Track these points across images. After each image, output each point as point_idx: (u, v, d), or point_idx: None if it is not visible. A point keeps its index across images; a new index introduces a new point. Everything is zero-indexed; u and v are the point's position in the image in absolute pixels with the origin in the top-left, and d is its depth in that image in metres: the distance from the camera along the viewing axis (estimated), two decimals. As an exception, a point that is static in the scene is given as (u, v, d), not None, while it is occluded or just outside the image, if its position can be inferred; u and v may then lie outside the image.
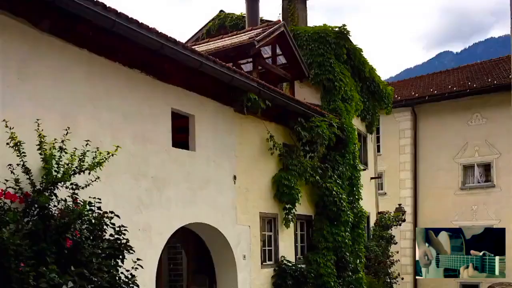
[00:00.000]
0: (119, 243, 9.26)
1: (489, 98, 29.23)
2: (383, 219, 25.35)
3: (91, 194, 9.05)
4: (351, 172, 20.01)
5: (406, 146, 31.34)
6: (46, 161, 8.52)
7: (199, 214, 13.17)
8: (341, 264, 18.46)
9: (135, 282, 9.22)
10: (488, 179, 29.69)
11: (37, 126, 8.54)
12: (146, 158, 11.50)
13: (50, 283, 7.31)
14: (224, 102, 14.22)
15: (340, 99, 19.90)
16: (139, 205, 11.14)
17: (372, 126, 24.83)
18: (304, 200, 17.56)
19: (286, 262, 16.30)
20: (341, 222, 18.46)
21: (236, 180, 14.50)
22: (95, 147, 9.18)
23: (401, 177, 31.38)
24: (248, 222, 15.02)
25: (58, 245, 8.11)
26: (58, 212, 8.41)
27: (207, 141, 13.56)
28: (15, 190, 8.16)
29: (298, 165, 16.78)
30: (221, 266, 14.79)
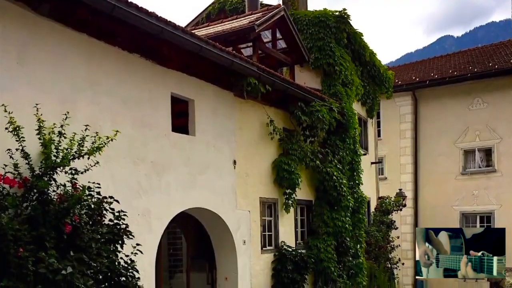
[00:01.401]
0: (119, 228, 9.26)
1: (490, 83, 29.17)
2: (383, 204, 25.35)
3: (90, 179, 9.01)
4: (351, 156, 19.99)
5: (406, 130, 31.28)
6: (45, 146, 8.49)
7: (199, 199, 13.16)
8: (342, 249, 18.47)
9: (134, 267, 9.21)
10: (489, 163, 29.64)
11: (36, 110, 8.50)
12: (145, 142, 11.48)
13: (49, 268, 7.28)
14: (224, 87, 14.19)
15: (340, 84, 19.84)
16: (138, 190, 11.12)
17: (373, 111, 24.76)
18: (304, 185, 17.56)
19: (286, 247, 16.29)
20: (342, 207, 18.45)
21: (236, 164, 14.49)
22: (94, 132, 9.14)
23: (401, 161, 31.35)
24: (248, 207, 15.02)
25: (57, 230, 8.08)
26: (57, 197, 8.39)
27: (206, 126, 13.53)
28: (14, 175, 8.15)
29: (298, 150, 16.76)
30: (221, 251, 14.79)
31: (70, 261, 7.70)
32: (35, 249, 7.52)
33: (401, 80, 31.45)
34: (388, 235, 24.60)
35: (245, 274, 14.78)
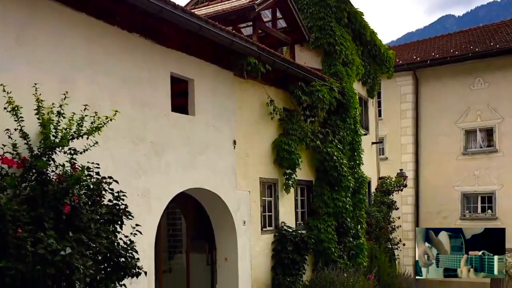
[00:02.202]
0: (118, 208, 9.21)
1: (491, 62, 29.08)
2: (384, 184, 25.34)
3: (89, 159, 8.97)
4: (352, 136, 19.95)
5: (407, 110, 31.23)
6: (44, 126, 8.47)
7: (199, 179, 13.14)
8: (342, 229, 18.46)
9: (133, 247, 9.19)
10: (490, 144, 29.60)
11: (35, 90, 8.46)
12: (145, 122, 11.44)
13: (47, 248, 7.25)
14: (223, 66, 14.13)
15: (340, 63, 19.76)
16: (138, 170, 11.10)
17: (373, 91, 24.67)
18: (304, 165, 17.53)
19: (286, 228, 16.28)
20: (342, 188, 18.43)
21: (235, 145, 14.44)
22: (93, 112, 9.07)
23: (402, 142, 31.32)
24: (248, 187, 14.99)
25: (56, 210, 8.05)
26: (56, 178, 8.36)
27: (206, 106, 13.49)
28: (12, 155, 8.12)
29: (298, 130, 16.71)
30: (220, 231, 14.78)
31: (69, 241, 7.67)
32: (33, 230, 7.49)
33: (402, 59, 31.36)
34: (389, 216, 24.59)
35: (245, 255, 14.78)
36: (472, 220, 29.34)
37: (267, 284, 15.68)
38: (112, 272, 8.83)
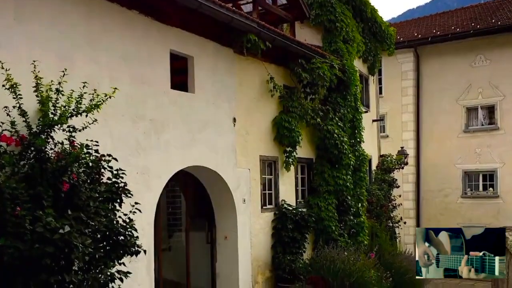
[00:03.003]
0: (117, 186, 9.19)
1: (493, 39, 28.95)
2: (385, 162, 25.29)
3: (88, 136, 8.95)
4: (352, 114, 19.88)
5: (408, 88, 31.13)
6: (43, 103, 8.46)
7: (198, 157, 13.12)
8: (342, 208, 18.46)
9: (133, 226, 9.17)
10: (492, 121, 29.52)
11: (34, 67, 8.43)
12: (144, 100, 11.42)
13: (46, 227, 7.22)
14: (223, 43, 14.06)
15: (341, 40, 19.66)
16: (137, 148, 11.08)
17: (374, 68, 24.58)
18: (304, 143, 17.48)
19: (286, 206, 16.27)
20: (343, 165, 18.40)
21: (235, 122, 14.41)
22: (92, 89, 9.06)
23: (403, 119, 31.25)
24: (248, 165, 14.97)
25: (55, 188, 8.04)
26: (55, 155, 8.32)
27: (206, 83, 13.44)
28: (11, 133, 8.11)
29: (298, 107, 16.66)
30: (220, 210, 14.79)
31: (68, 220, 7.64)
32: (32, 208, 7.47)
33: (403, 37, 31.22)
34: (390, 194, 24.58)
35: (245, 233, 14.79)
36: (473, 198, 29.37)
37: (267, 262, 15.70)
38: (111, 251, 8.82)
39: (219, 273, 14.90)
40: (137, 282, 10.45)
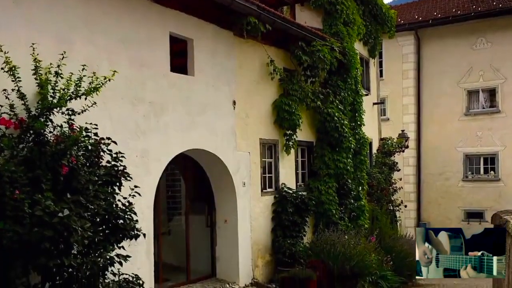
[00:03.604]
0: (116, 169, 9.20)
1: (494, 22, 28.84)
2: (385, 145, 25.23)
3: (87, 120, 8.98)
4: (353, 97, 19.81)
5: (409, 71, 31.05)
6: (42, 86, 8.47)
7: (198, 140, 13.10)
8: (343, 191, 18.43)
9: (132, 209, 9.17)
10: (493, 104, 29.45)
11: (33, 50, 8.43)
12: (143, 83, 11.40)
13: (45, 210, 7.22)
14: (223, 26, 14.00)
15: (341, 23, 19.55)
16: (136, 131, 11.07)
17: (375, 51, 24.47)
18: (305, 126, 17.42)
19: (286, 190, 16.25)
20: (343, 149, 18.33)
21: (235, 105, 14.37)
22: (91, 72, 9.08)
23: (404, 102, 31.19)
24: (248, 148, 14.94)
25: (54, 172, 8.05)
26: (54, 138, 8.34)
27: (206, 66, 13.40)
28: (10, 116, 8.13)
29: (299, 90, 16.60)
30: (220, 193, 14.78)
31: (67, 203, 7.65)
32: (31, 191, 7.50)
33: (404, 19, 31.12)
34: (391, 177, 24.52)
35: (245, 217, 14.78)
36: (474, 182, 29.36)
37: (267, 246, 15.69)
38: (110, 234, 8.85)
39: (219, 257, 14.92)
40: (137, 265, 10.42)
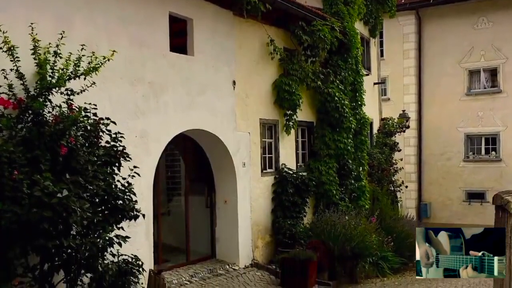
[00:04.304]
0: (115, 150, 9.22)
1: (495, 1, 28.60)
2: (386, 125, 25.18)
3: (86, 100, 8.98)
4: (353, 77, 19.73)
5: (410, 50, 30.88)
6: (40, 66, 8.50)
7: (198, 121, 13.09)
8: (343, 171, 18.40)
9: (131, 190, 9.18)
10: (494, 84, 29.27)
11: (31, 30, 8.42)
12: (143, 63, 11.40)
13: (44, 191, 7.23)
14: (223, 6, 13.95)
15: (342, 2, 19.42)
16: (135, 111, 11.07)
17: (375, 30, 24.38)
18: (305, 106, 17.36)
19: (287, 170, 16.22)
20: (344, 129, 18.29)
21: (235, 85, 14.33)
22: (90, 52, 9.08)
23: (405, 82, 31.03)
24: (247, 128, 14.91)
25: (53, 152, 8.07)
26: (52, 119, 8.36)
27: (205, 46, 13.36)
28: (8, 96, 8.15)
29: (299, 70, 16.54)
30: (220, 173, 14.77)
31: (66, 184, 7.66)
32: (30, 172, 7.52)
33: (405, -2, 30.97)
34: (391, 157, 24.48)
35: (245, 197, 14.78)
36: (475, 162, 29.28)
37: (267, 227, 15.69)
38: (109, 215, 8.86)
39: (219, 238, 14.94)
40: (136, 246, 10.42)
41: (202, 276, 13.34)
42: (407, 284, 14.80)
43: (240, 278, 13.91)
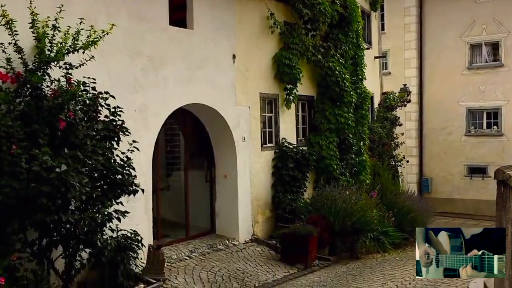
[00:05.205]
0: (114, 124, 9.23)
1: (497, -26, 28.55)
2: (387, 99, 25.11)
3: (85, 74, 8.98)
4: (354, 51, 19.63)
5: (411, 24, 30.75)
6: (39, 40, 8.49)
7: (197, 95, 13.05)
8: (344, 146, 18.34)
9: (130, 164, 9.18)
10: (496, 58, 29.18)
11: (30, 3, 8.39)
12: (142, 36, 11.36)
13: (42, 165, 7.24)
14: (223, -21, 13.83)
15: (343, -25, 19.32)
16: (135, 85, 11.05)
17: (376, 4, 24.25)
18: (305, 80, 17.26)
19: (287, 144, 16.17)
20: (344, 103, 18.22)
21: (235, 59, 14.26)
22: (89, 25, 9.07)
23: (406, 56, 30.94)
24: (247, 102, 14.85)
25: (51, 126, 8.08)
26: (51, 93, 8.37)
27: (205, 19, 13.29)
28: (6, 70, 8.15)
29: (299, 44, 16.45)
30: (219, 148, 14.76)
31: (65, 158, 7.65)
32: (28, 146, 7.52)
33: (406, -29, 30.81)
34: (392, 132, 24.43)
35: (245, 172, 14.76)
36: (477, 136, 29.25)
37: (267, 201, 15.68)
38: (108, 190, 8.87)
39: (219, 213, 14.94)
40: (135, 221, 10.44)
41: (201, 251, 13.35)
42: (408, 259, 14.80)
43: (240, 253, 13.91)
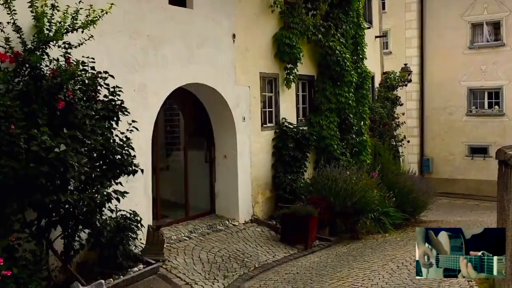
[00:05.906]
0: (114, 104, 9.22)
1: (499, -49, 28.41)
2: (388, 79, 25.07)
3: (84, 53, 8.95)
4: (355, 30, 19.56)
5: (412, 3, 30.65)
6: (38, 19, 8.47)
7: (197, 74, 13.02)
8: (345, 126, 18.32)
9: (130, 144, 9.17)
10: (497, 37, 29.11)
11: (28, -18, 8.29)
12: (141, 16, 11.32)
13: (41, 145, 7.21)
14: (223, -43, 13.76)
15: (343, -47, 19.21)
16: (134, 65, 11.02)
17: (377, -17, 24.17)
18: (306, 60, 17.20)
19: (287, 124, 16.14)
20: (345, 83, 18.17)
21: (235, 38, 14.21)
22: (88, 5, 8.99)
23: (407, 35, 30.87)
24: (247, 82, 14.80)
25: (50, 106, 8.05)
26: (50, 72, 8.34)
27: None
28: (5, 49, 8.12)
29: (299, 23, 16.37)
30: (219, 128, 14.73)
31: (64, 138, 7.61)
32: (27, 126, 7.50)
33: None
34: (393, 112, 24.43)
35: (245, 152, 14.73)
36: (478, 116, 29.23)
37: (267, 182, 15.68)
38: (107, 170, 8.86)
39: (218, 193, 14.93)
40: (134, 202, 10.45)
41: (201, 232, 13.34)
42: (408, 239, 14.80)
43: (239, 233, 13.91)
